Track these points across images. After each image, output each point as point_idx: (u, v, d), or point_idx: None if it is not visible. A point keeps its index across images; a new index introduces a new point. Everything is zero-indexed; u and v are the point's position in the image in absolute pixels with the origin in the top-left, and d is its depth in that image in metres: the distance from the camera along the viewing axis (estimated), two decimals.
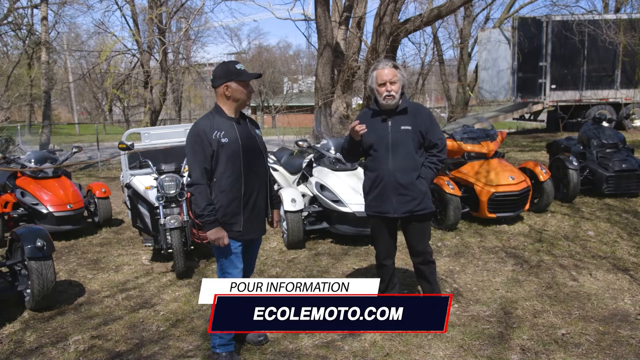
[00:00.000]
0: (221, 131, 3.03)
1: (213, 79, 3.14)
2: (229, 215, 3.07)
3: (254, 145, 3.16)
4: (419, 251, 3.64)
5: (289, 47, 64.92)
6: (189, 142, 3.06)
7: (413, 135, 3.47)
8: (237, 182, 3.06)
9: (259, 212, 3.21)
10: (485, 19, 24.77)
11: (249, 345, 3.41)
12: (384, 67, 3.50)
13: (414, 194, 3.47)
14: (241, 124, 3.15)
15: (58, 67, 29.58)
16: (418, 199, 3.48)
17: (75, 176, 12.01)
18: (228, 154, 3.02)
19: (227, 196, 3.05)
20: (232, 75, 3.08)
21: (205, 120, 3.11)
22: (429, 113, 3.64)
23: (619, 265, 4.79)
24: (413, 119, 3.49)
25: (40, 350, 3.50)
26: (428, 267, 3.67)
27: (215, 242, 3.05)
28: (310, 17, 12.75)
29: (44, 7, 16.33)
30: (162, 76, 16.01)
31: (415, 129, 3.47)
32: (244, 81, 3.11)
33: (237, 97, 3.11)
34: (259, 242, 3.45)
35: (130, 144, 5.83)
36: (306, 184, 6.27)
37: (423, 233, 3.61)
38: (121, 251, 5.90)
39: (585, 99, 15.97)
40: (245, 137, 3.11)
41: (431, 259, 3.67)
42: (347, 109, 10.61)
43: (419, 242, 3.62)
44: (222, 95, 3.11)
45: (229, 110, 3.13)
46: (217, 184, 3.06)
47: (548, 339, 3.42)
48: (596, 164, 7.16)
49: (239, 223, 3.09)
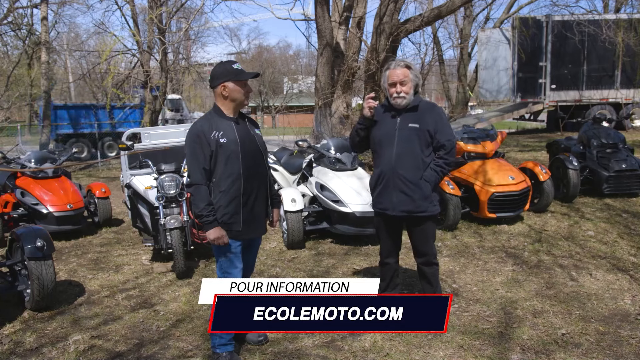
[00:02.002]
0: (220, 131, 3.03)
1: (211, 79, 3.15)
2: (228, 215, 3.07)
3: (254, 145, 3.16)
4: (422, 252, 3.64)
5: (289, 47, 64.98)
6: (188, 142, 3.06)
7: (420, 133, 3.44)
8: (236, 182, 3.06)
9: (259, 211, 3.21)
10: (485, 19, 24.82)
11: (249, 345, 3.41)
12: (395, 67, 3.49)
13: (415, 194, 3.44)
14: (240, 124, 3.15)
15: (58, 67, 29.57)
16: (418, 199, 3.45)
17: (75, 176, 12.01)
18: (227, 154, 3.02)
19: (227, 196, 3.05)
20: (230, 75, 3.08)
21: (204, 120, 3.11)
22: (440, 112, 3.59)
23: (619, 265, 4.79)
24: (422, 117, 3.47)
25: (40, 350, 3.50)
26: (430, 269, 3.66)
27: (215, 242, 3.05)
28: (310, 17, 12.77)
29: (44, 7, 16.33)
30: (162, 76, 16.00)
31: (423, 127, 3.44)
32: (241, 81, 3.10)
33: (234, 96, 3.11)
34: (258, 241, 3.45)
35: (130, 144, 5.83)
36: (306, 184, 6.27)
37: (425, 234, 3.59)
38: (121, 251, 5.90)
39: (585, 99, 15.97)
40: (244, 137, 3.11)
41: (434, 260, 3.66)
42: (347, 109, 10.61)
43: (422, 243, 3.61)
44: (220, 96, 3.11)
45: (228, 110, 3.13)
46: (216, 184, 3.06)
47: (548, 339, 3.42)
48: (596, 164, 7.15)
49: (239, 223, 3.09)
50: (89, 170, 14.01)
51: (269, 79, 42.43)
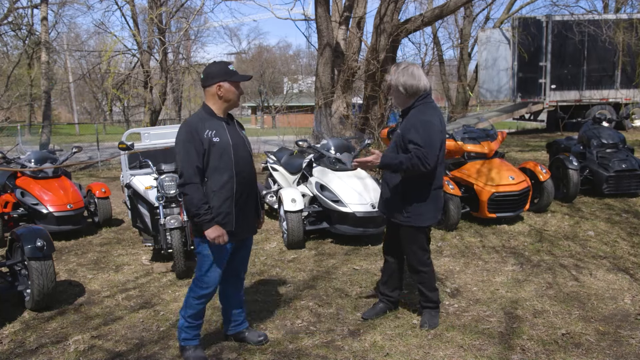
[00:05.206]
0: (212, 130, 3.02)
1: (205, 78, 3.12)
2: (222, 214, 3.06)
3: (243, 146, 3.17)
4: (406, 258, 3.67)
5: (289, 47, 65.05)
6: (180, 140, 3.02)
7: (398, 139, 3.43)
8: (229, 182, 3.05)
9: (250, 211, 3.23)
10: (485, 19, 24.82)
11: (248, 345, 3.41)
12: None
13: (391, 200, 3.53)
14: (230, 124, 3.16)
15: (58, 67, 29.58)
16: (393, 206, 3.51)
17: (75, 176, 12.01)
18: (220, 153, 3.02)
19: (220, 196, 3.04)
20: (226, 75, 3.07)
21: (196, 119, 3.09)
22: (415, 119, 3.35)
23: (619, 265, 4.79)
24: (404, 123, 3.44)
25: (40, 350, 3.50)
26: (416, 276, 3.65)
27: (215, 241, 3.01)
28: (310, 17, 12.75)
29: (44, 7, 16.33)
30: (162, 76, 16.01)
31: (402, 134, 3.40)
32: (236, 82, 3.11)
33: (229, 97, 3.10)
34: (250, 241, 3.43)
35: (130, 144, 5.83)
36: (306, 184, 6.27)
37: (405, 242, 3.58)
38: (121, 251, 5.90)
39: (585, 99, 15.97)
40: (235, 137, 3.12)
41: (420, 268, 3.58)
42: (347, 109, 10.60)
43: (404, 247, 3.64)
44: (213, 95, 3.10)
45: (219, 111, 3.13)
46: (208, 183, 3.05)
47: (548, 339, 3.42)
48: (596, 164, 7.15)
49: (232, 222, 3.09)
50: (89, 170, 14.01)
51: (269, 79, 42.45)
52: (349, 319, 3.80)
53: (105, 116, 34.48)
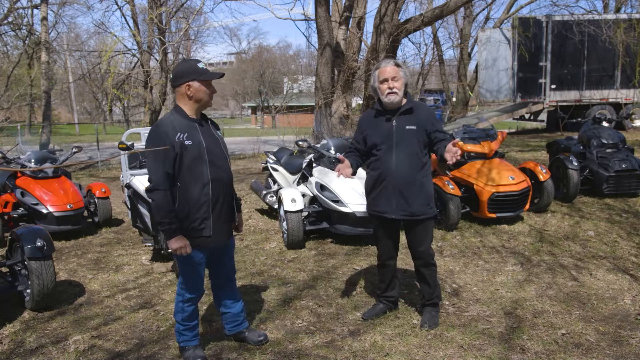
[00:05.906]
0: (184, 133, 2.89)
1: (173, 78, 3.00)
2: (198, 220, 2.96)
3: (218, 147, 3.05)
4: (419, 254, 3.63)
5: (289, 47, 65.05)
6: (150, 144, 2.89)
7: (418, 134, 3.46)
8: (205, 187, 2.94)
9: (227, 216, 3.12)
10: (485, 19, 24.87)
11: (248, 345, 3.41)
12: (386, 65, 3.50)
13: (414, 197, 3.46)
14: (204, 126, 3.05)
15: (58, 67, 29.59)
16: (418, 203, 3.47)
17: (75, 176, 12.02)
18: (192, 156, 2.89)
19: (195, 201, 2.93)
20: (195, 74, 2.93)
21: (167, 121, 2.94)
22: (430, 110, 3.66)
23: (619, 265, 4.79)
24: (417, 118, 3.49)
25: (40, 350, 3.50)
26: (428, 270, 3.66)
27: (177, 252, 2.91)
28: (310, 17, 12.75)
29: (44, 7, 16.33)
30: (162, 76, 16.00)
31: (420, 128, 3.46)
32: (206, 81, 2.97)
33: (199, 97, 2.97)
34: (232, 243, 3.33)
35: (130, 144, 5.83)
36: (306, 184, 6.27)
37: (424, 235, 3.59)
38: (121, 251, 5.90)
39: (585, 99, 15.97)
40: (208, 139, 3.00)
41: (432, 261, 3.66)
42: (347, 109, 10.60)
43: (420, 244, 3.60)
44: (183, 95, 2.97)
45: (190, 111, 3.00)
46: (182, 189, 2.92)
47: (548, 339, 3.42)
48: (596, 164, 7.15)
49: (209, 228, 2.98)
50: (89, 170, 14.01)
51: (269, 79, 42.47)
52: (349, 319, 3.80)
53: (105, 116, 34.49)
